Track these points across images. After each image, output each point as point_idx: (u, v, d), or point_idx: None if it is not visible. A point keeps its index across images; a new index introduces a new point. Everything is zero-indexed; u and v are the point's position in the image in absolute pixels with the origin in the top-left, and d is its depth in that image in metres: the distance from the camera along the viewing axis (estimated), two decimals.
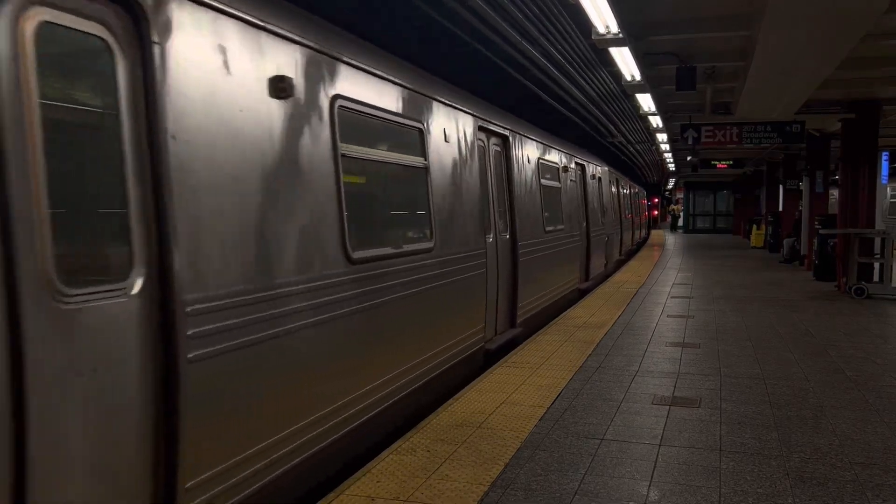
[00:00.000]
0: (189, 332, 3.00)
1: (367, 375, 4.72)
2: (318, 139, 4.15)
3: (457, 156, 6.68)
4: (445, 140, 6.39)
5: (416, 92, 5.75)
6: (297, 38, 4.01)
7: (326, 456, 4.23)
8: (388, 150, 5.27)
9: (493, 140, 8.16)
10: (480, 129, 7.53)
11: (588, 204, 14.01)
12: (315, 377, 4.09)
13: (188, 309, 3.01)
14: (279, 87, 3.77)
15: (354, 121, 4.72)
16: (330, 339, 4.27)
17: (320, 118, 4.21)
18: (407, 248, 5.38)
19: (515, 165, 8.76)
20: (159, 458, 2.90)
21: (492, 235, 7.72)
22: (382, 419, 4.96)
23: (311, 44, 4.16)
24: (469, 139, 7.05)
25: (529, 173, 9.45)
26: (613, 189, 18.22)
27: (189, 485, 3.01)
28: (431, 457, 4.37)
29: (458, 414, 5.25)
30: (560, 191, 11.41)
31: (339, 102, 4.44)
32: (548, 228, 10.16)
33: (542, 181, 10.14)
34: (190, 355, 3.00)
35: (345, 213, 4.41)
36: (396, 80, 5.34)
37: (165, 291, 2.91)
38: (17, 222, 2.34)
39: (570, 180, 12.34)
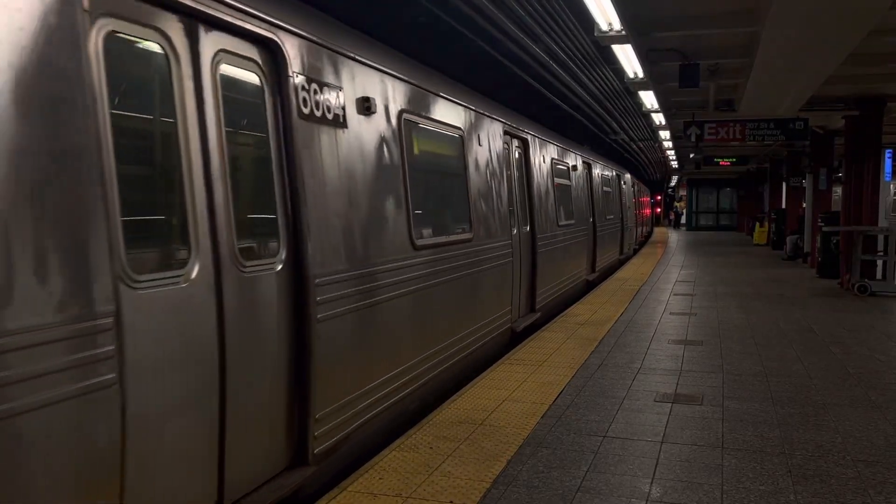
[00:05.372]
0: None
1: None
2: None
3: (489, 157, 7.49)
4: (479, 144, 7.13)
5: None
6: None
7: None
8: None
9: (516, 143, 8.83)
10: (506, 133, 8.27)
11: (594, 200, 14.25)
12: None
13: None
14: None
15: None
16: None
17: None
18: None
19: (533, 165, 9.42)
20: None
21: (515, 228, 8.35)
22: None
23: None
24: (500, 147, 7.90)
25: (544, 172, 10.06)
26: (614, 186, 18.37)
27: None
28: (434, 454, 4.37)
29: (461, 411, 5.25)
30: (570, 188, 11.89)
31: None
32: (560, 223, 10.78)
33: (555, 179, 10.72)
34: None
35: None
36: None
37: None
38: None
39: (578, 178, 12.75)
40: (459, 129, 6.60)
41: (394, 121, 5.13)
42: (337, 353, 4.17)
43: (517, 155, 8.88)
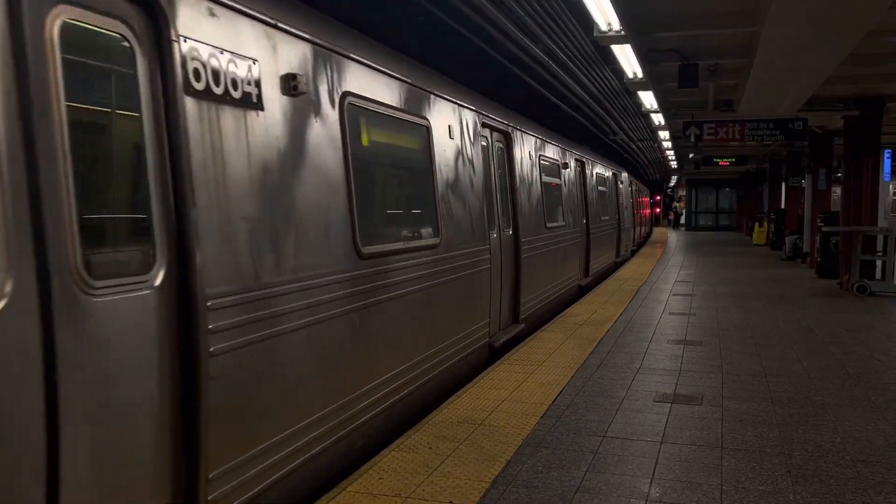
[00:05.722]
0: None
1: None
2: None
3: (463, 152, 6.75)
4: (450, 137, 6.41)
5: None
6: None
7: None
8: None
9: (497, 137, 8.19)
10: (484, 125, 7.58)
11: (588, 200, 14.02)
12: None
13: None
14: None
15: None
16: None
17: None
18: None
19: (516, 161, 8.75)
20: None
21: (495, 232, 7.72)
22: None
23: None
24: (477, 141, 7.17)
25: (530, 170, 9.42)
26: (610, 186, 18.23)
27: None
28: (433, 454, 4.37)
29: (460, 411, 5.25)
30: (560, 187, 11.45)
31: None
32: (549, 225, 10.14)
33: (543, 177, 10.08)
34: None
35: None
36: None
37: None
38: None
39: (570, 177, 12.37)
40: (425, 118, 5.84)
41: (334, 105, 4.31)
42: (241, 394, 3.30)
43: (498, 150, 8.19)
